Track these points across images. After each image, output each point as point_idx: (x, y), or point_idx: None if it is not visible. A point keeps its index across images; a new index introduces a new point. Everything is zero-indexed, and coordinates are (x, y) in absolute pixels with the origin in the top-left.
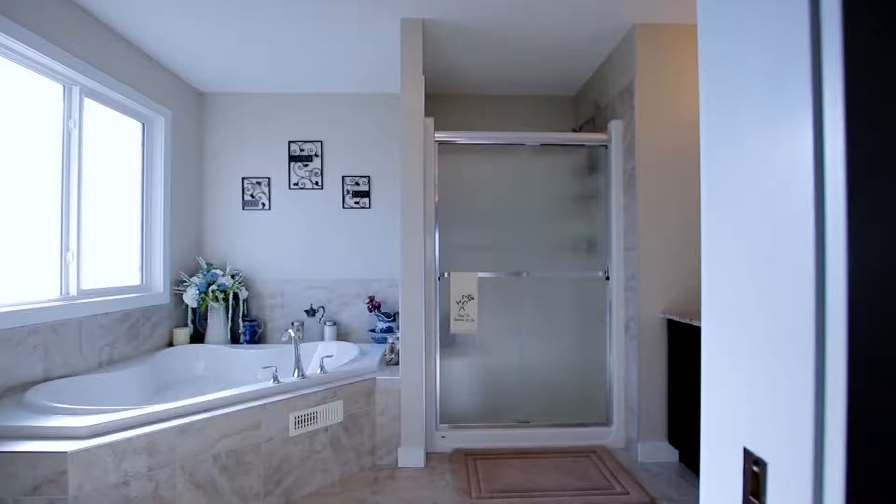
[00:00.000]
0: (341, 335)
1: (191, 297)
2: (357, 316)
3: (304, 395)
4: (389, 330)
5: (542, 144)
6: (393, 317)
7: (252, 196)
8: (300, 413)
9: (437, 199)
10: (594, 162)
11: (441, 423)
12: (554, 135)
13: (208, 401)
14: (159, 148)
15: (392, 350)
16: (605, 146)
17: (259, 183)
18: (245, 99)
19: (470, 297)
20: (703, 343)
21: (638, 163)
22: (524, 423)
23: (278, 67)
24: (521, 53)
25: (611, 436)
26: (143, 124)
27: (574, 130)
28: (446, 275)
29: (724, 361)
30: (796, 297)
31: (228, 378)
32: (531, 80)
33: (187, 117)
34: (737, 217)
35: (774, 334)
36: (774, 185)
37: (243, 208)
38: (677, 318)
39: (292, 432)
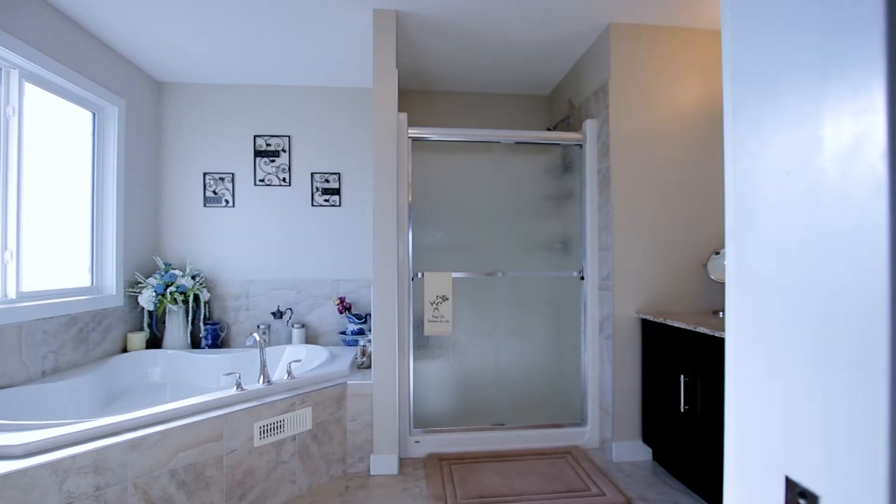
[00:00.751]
0: (310, 338)
1: (147, 300)
2: (327, 318)
3: (269, 402)
4: (361, 332)
5: (517, 142)
6: (364, 318)
7: (215, 192)
8: (266, 422)
9: (410, 197)
10: (569, 161)
11: (415, 427)
12: (529, 133)
13: (164, 411)
14: (112, 140)
15: (364, 353)
16: (580, 145)
17: (222, 179)
18: (207, 90)
19: (444, 298)
20: (732, 352)
21: (612, 162)
22: (499, 425)
23: (243, 58)
24: (496, 50)
25: (585, 436)
26: (94, 114)
27: (548, 130)
28: (420, 275)
29: (760, 373)
30: (863, 295)
31: (189, 385)
32: (505, 79)
33: (144, 108)
34: (775, 206)
35: (833, 343)
36: (827, 167)
37: (205, 205)
38: (651, 318)
39: (257, 442)
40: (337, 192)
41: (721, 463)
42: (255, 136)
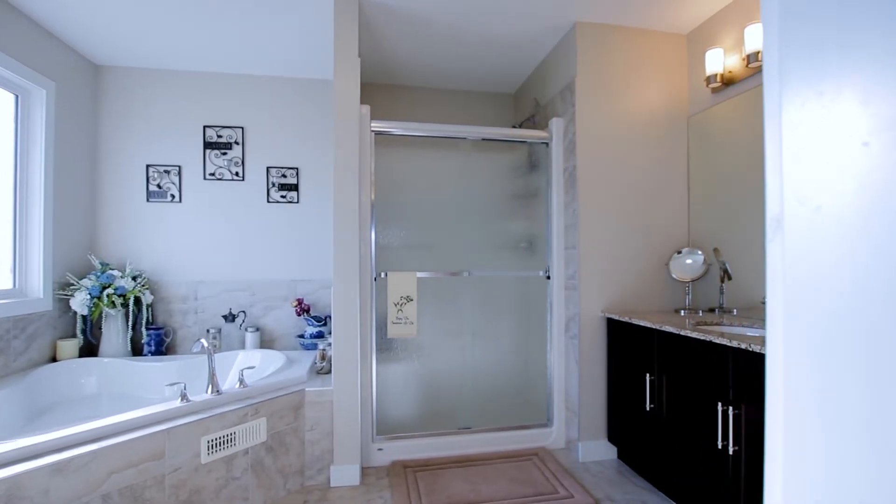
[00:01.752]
0: (266, 342)
1: (80, 303)
2: (284, 320)
3: (219, 414)
4: (320, 335)
5: (483, 139)
6: (324, 321)
7: (159, 186)
8: (214, 435)
9: (373, 193)
10: (535, 160)
11: (378, 434)
12: (495, 129)
13: (96, 428)
14: (38, 126)
15: (323, 357)
16: (546, 144)
17: (167, 172)
18: (151, 75)
19: (409, 299)
20: (777, 377)
21: (579, 161)
22: (465, 429)
23: (191, 41)
24: (462, 45)
25: (551, 437)
26: (17, 96)
27: (514, 128)
28: (383, 275)
29: (817, 403)
30: None
31: (129, 397)
32: (471, 75)
33: (77, 92)
34: (847, 184)
35: None
36: None
37: (148, 200)
38: (617, 317)
39: (205, 458)
40: (295, 187)
41: (686, 459)
42: (204, 127)
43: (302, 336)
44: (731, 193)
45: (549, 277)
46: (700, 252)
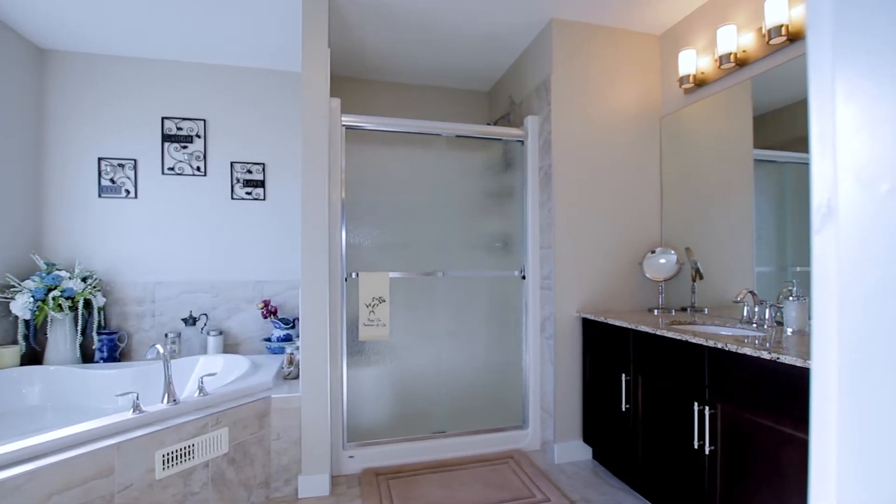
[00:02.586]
0: (230, 346)
1: (22, 307)
2: (249, 323)
3: (176, 425)
4: (288, 339)
5: (458, 136)
6: (292, 323)
7: (112, 181)
8: (171, 448)
9: (343, 190)
10: (510, 158)
11: (349, 441)
12: (470, 126)
13: (34, 445)
14: None
15: (291, 362)
16: (521, 142)
17: (122, 165)
18: (104, 62)
19: (381, 300)
20: (821, 390)
21: (554, 159)
22: (440, 433)
23: (149, 27)
24: (436, 39)
25: (527, 438)
26: None
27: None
28: (354, 275)
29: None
30: None
31: (78, 408)
32: (445, 71)
33: (19, 78)
34: None
35: None
36: None
37: (100, 195)
38: (593, 317)
39: (160, 474)
40: (261, 184)
41: (662, 460)
42: (163, 119)
43: (268, 340)
44: (702, 193)
45: (524, 277)
46: (673, 252)
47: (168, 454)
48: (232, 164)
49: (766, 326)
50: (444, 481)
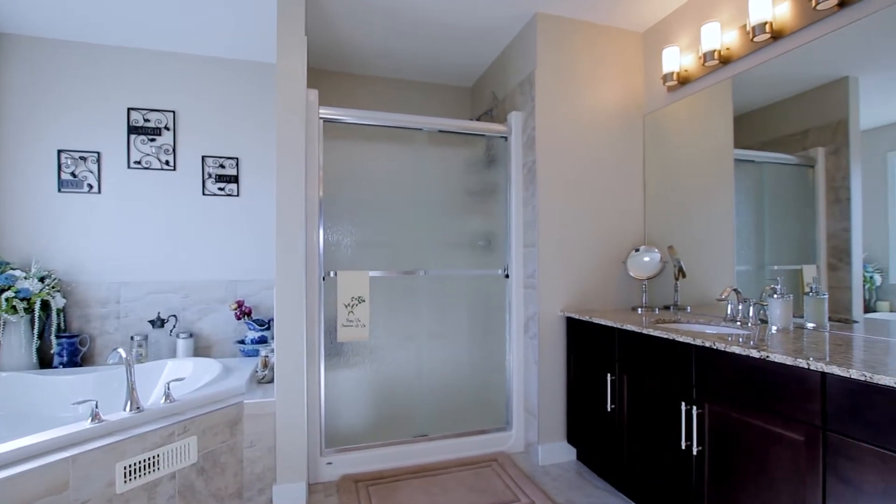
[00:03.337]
0: (201, 349)
1: None
2: (221, 325)
3: (139, 434)
4: (263, 340)
5: (440, 131)
6: (267, 325)
7: (74, 175)
8: (133, 460)
9: (321, 186)
10: (493, 154)
11: (326, 447)
12: (453, 121)
13: None
14: None
15: (265, 365)
16: (505, 138)
17: (84, 158)
18: (66, 48)
19: (360, 300)
20: None
21: (538, 156)
22: (422, 436)
23: (115, 12)
24: (418, 31)
25: (510, 440)
26: None
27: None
28: (332, 274)
29: None
30: None
31: (34, 417)
32: (428, 65)
33: None
34: None
35: None
36: None
37: (60, 190)
38: (577, 316)
39: (121, 487)
40: (234, 179)
41: (648, 460)
42: (129, 109)
43: (242, 342)
44: (684, 192)
45: (507, 276)
46: (657, 250)
47: (130, 466)
48: (203, 158)
49: (750, 324)
50: (426, 487)
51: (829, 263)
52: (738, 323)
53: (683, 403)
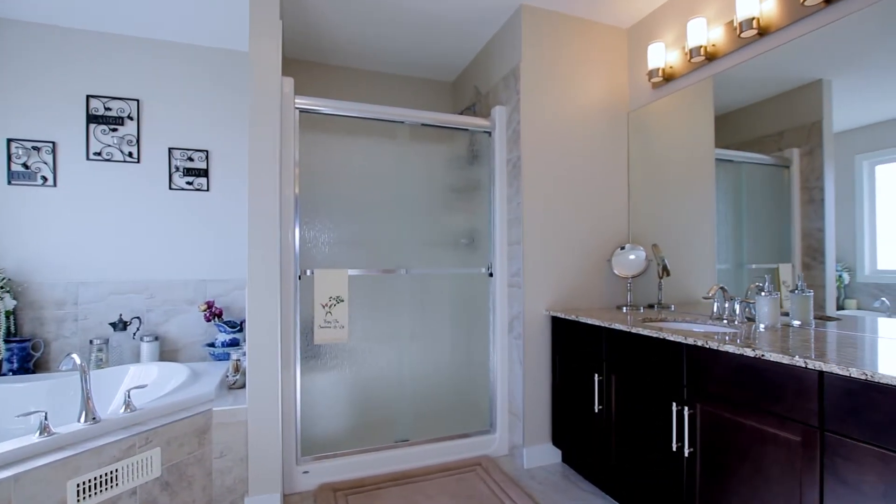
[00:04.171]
0: (167, 353)
1: None
2: (190, 327)
3: (94, 448)
4: (234, 343)
5: (422, 124)
6: (239, 326)
7: (26, 166)
8: (88, 476)
9: (297, 180)
10: (476, 150)
11: (303, 455)
12: (436, 115)
13: None
14: None
15: (237, 369)
16: (489, 133)
17: (37, 149)
18: (16, 28)
19: (339, 300)
20: None
21: (523, 151)
22: (403, 441)
23: None
24: (399, 23)
25: (494, 443)
26: None
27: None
28: (309, 272)
29: None
30: None
31: None
32: (408, 59)
33: None
34: None
35: None
36: None
37: (10, 182)
38: (563, 316)
39: None
40: (204, 173)
41: (637, 462)
42: (88, 97)
43: (212, 345)
44: (668, 190)
45: (491, 275)
46: (642, 248)
47: (84, 483)
48: (170, 150)
49: (737, 322)
50: (408, 494)
51: (804, 262)
52: (725, 321)
53: (675, 404)
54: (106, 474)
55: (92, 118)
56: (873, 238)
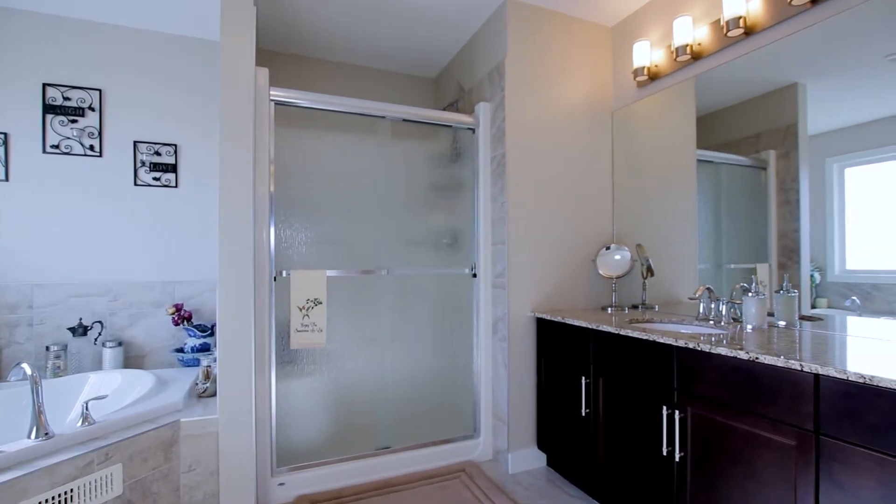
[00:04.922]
0: (132, 359)
1: None
2: (157, 331)
3: (47, 466)
4: (205, 349)
5: (404, 120)
6: (210, 330)
7: None
8: (39, 498)
9: (272, 177)
10: (459, 148)
11: (279, 466)
12: (418, 110)
13: None
14: None
15: (207, 376)
16: (472, 130)
17: None
18: None
19: (317, 302)
20: None
21: (508, 149)
22: (384, 449)
23: None
24: (380, 14)
25: (478, 448)
26: None
27: None
28: (285, 273)
29: None
30: None
31: None
32: (389, 53)
33: None
34: None
35: None
36: None
37: None
38: (549, 317)
39: None
40: (172, 168)
41: (626, 467)
42: (44, 85)
43: (181, 350)
44: (651, 190)
45: (475, 275)
46: (627, 248)
47: None
48: (136, 143)
49: (723, 323)
50: None
51: (780, 262)
52: (712, 322)
53: (665, 407)
54: (60, 495)
55: (49, 108)
56: (843, 239)
